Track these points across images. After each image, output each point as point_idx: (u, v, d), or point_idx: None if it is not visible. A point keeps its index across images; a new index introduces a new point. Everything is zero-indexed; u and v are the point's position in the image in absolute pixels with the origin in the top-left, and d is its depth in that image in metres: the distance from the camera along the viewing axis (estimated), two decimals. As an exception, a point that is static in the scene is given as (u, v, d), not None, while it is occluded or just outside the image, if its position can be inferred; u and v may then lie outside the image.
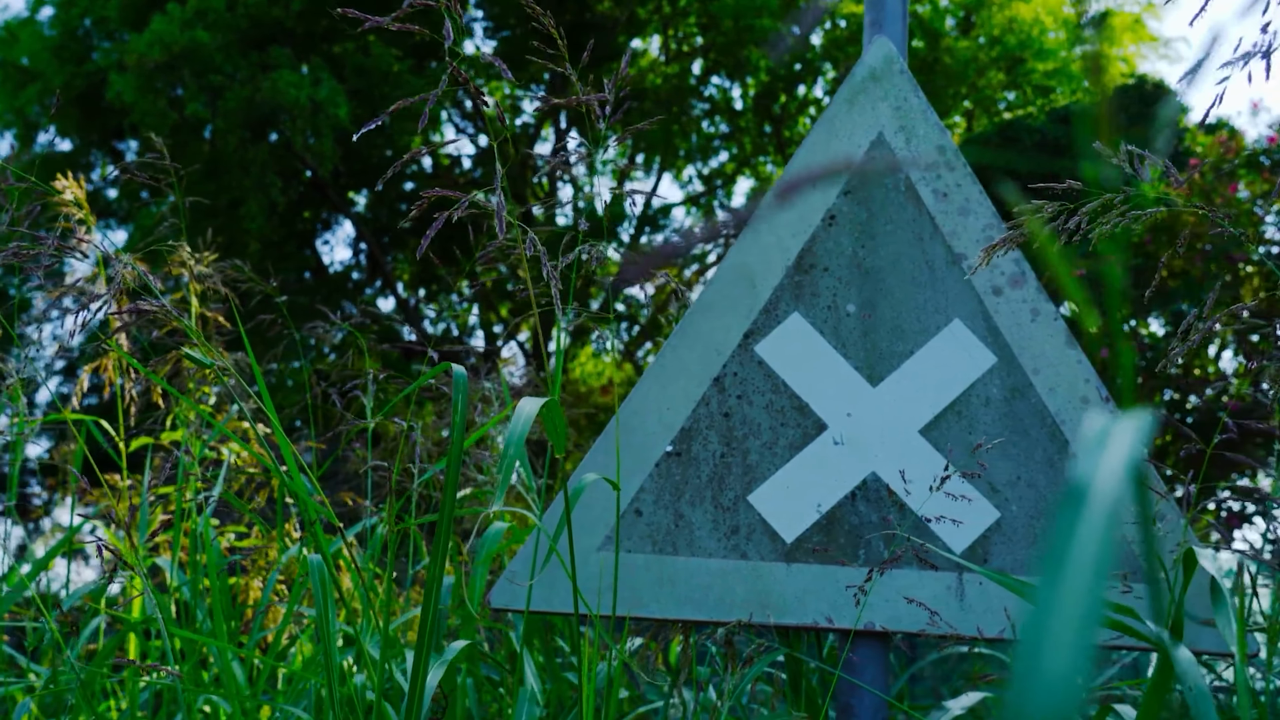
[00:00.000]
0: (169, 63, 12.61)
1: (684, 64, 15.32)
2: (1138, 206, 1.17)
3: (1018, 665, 0.30)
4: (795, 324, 1.74)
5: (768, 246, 1.77)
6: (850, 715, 1.63)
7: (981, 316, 1.73)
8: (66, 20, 13.35)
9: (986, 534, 1.66)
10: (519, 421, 1.01)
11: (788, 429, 1.71)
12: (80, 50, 13.44)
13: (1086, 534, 0.35)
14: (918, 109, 1.80)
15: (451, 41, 1.15)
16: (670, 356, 1.74)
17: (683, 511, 1.68)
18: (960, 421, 1.70)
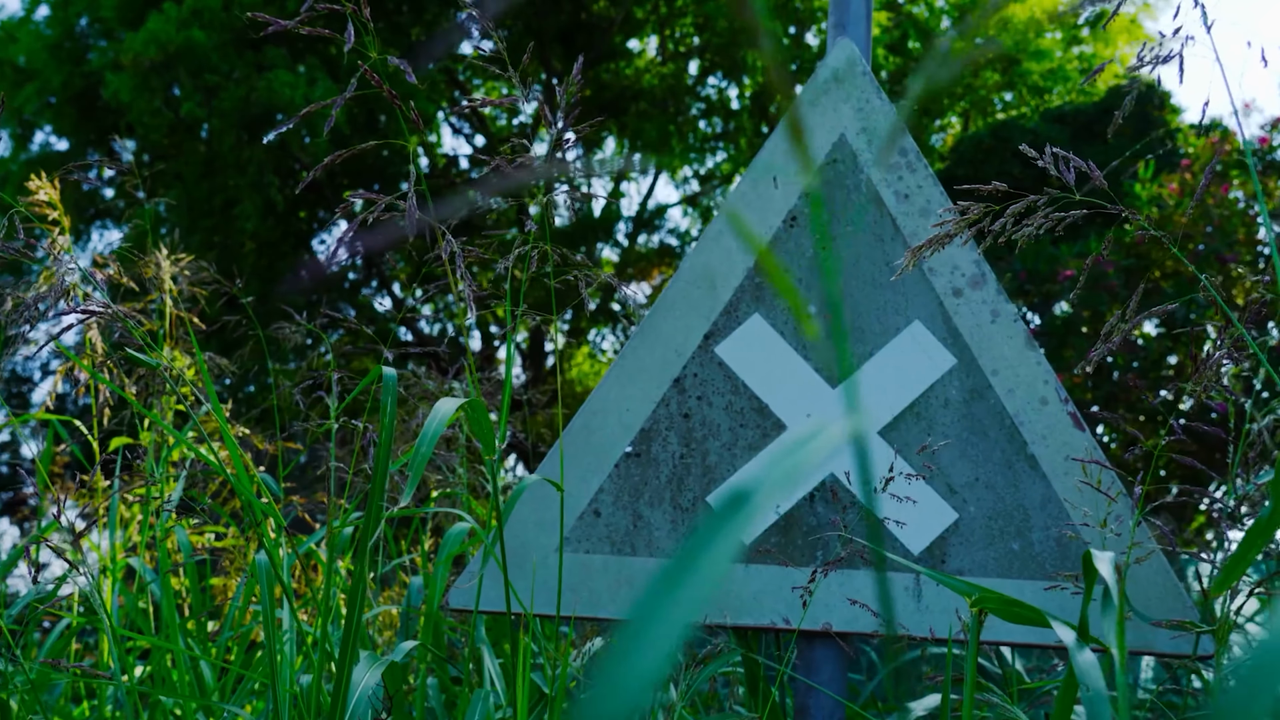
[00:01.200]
0: (165, 62, 12.63)
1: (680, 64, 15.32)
2: (1063, 208, 1.17)
3: (604, 666, 0.31)
4: (756, 325, 1.74)
5: (729, 248, 1.77)
6: (806, 715, 1.63)
7: (941, 318, 1.73)
8: (63, 20, 13.37)
9: (944, 535, 1.66)
10: (434, 420, 1.02)
11: (747, 430, 1.71)
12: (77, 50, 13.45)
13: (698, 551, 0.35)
14: (880, 110, 1.80)
15: (353, 44, 1.15)
16: (630, 357, 1.74)
17: (641, 512, 1.69)
18: (920, 423, 1.70)
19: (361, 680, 1.08)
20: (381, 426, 1.01)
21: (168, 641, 1.64)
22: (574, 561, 1.67)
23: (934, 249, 1.16)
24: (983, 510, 1.67)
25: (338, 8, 1.19)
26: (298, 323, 2.07)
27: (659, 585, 0.32)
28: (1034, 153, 1.20)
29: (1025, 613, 0.92)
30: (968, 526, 1.66)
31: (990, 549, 1.66)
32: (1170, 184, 7.77)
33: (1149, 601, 1.61)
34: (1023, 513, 1.66)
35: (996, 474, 1.68)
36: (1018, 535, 1.66)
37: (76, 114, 13.32)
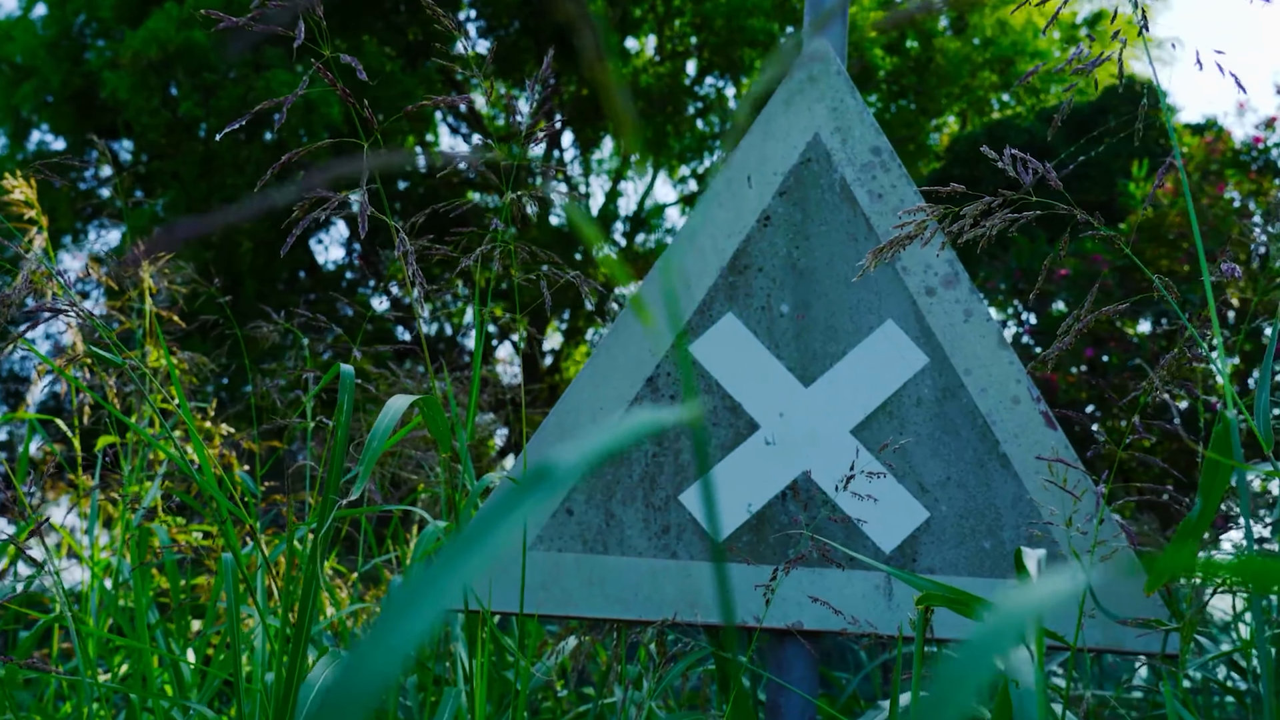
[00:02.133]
0: (163, 61, 12.64)
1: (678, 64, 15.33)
2: (1020, 209, 1.18)
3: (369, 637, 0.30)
4: (729, 324, 1.75)
5: (703, 247, 1.77)
6: (778, 714, 1.64)
7: (914, 317, 1.73)
8: (60, 18, 13.37)
9: (915, 534, 1.67)
10: (385, 417, 1.02)
11: (720, 429, 1.71)
12: (74, 48, 13.46)
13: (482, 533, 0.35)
14: (854, 110, 1.80)
15: (302, 40, 1.15)
16: (604, 356, 1.75)
17: (614, 511, 1.69)
18: (892, 422, 1.71)
19: (320, 678, 1.08)
20: (337, 425, 1.01)
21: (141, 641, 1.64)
22: (546, 560, 1.67)
23: (894, 251, 1.17)
24: (954, 509, 1.67)
25: (285, 6, 1.20)
26: (275, 321, 2.07)
27: (441, 559, 0.32)
28: (993, 153, 1.20)
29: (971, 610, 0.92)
30: (939, 525, 1.67)
31: (962, 548, 1.66)
32: (1164, 183, 7.78)
33: (1119, 599, 1.61)
34: (994, 511, 1.67)
35: (968, 473, 1.68)
36: (989, 534, 1.66)
37: (74, 113, 13.33)
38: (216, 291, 2.41)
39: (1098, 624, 1.57)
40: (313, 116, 12.40)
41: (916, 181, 12.36)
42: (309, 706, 1.04)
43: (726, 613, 0.42)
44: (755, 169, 1.80)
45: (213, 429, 2.82)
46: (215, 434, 2.84)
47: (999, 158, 1.25)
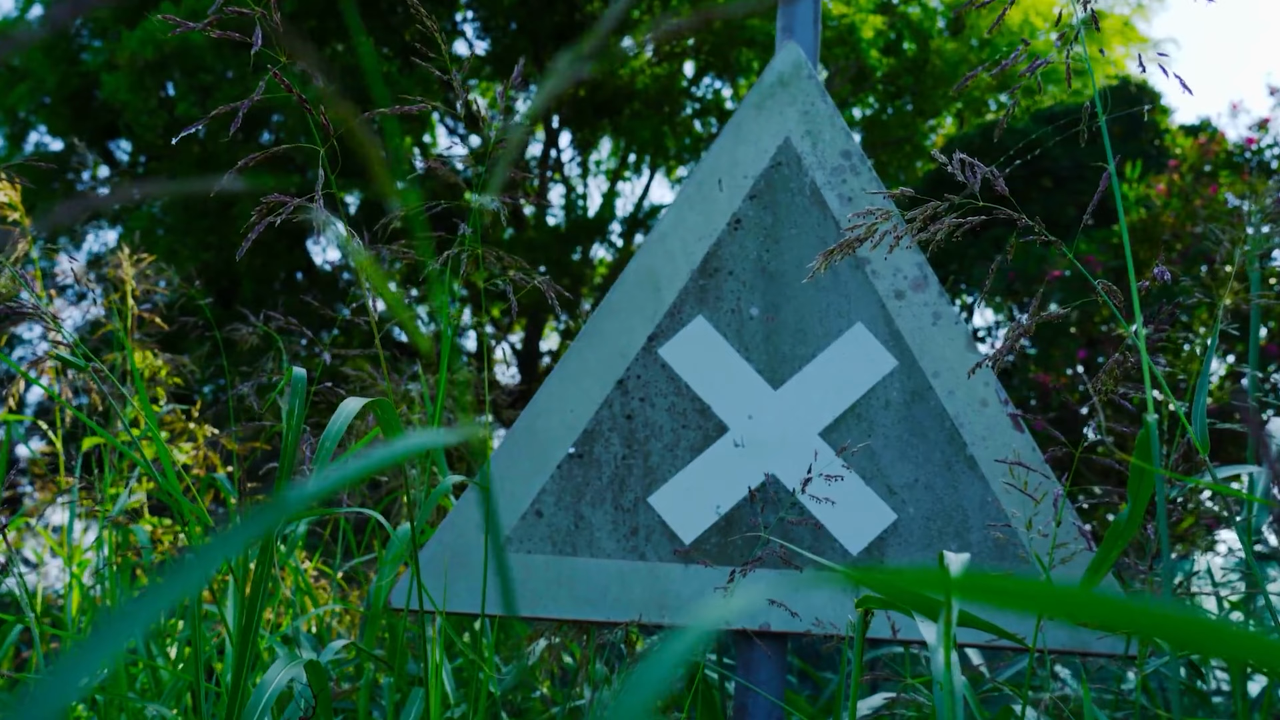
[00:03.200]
0: (160, 62, 12.65)
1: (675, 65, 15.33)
2: (968, 213, 1.18)
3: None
4: (699, 327, 1.75)
5: (673, 250, 1.78)
6: (745, 715, 1.65)
7: (883, 320, 1.74)
8: (57, 20, 13.36)
9: (883, 536, 1.67)
10: (338, 419, 1.03)
11: (689, 431, 1.72)
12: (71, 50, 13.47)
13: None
14: (825, 114, 1.81)
15: (259, 46, 1.16)
16: (575, 359, 1.75)
17: (583, 513, 1.70)
18: (860, 424, 1.71)
19: (274, 680, 1.09)
20: (287, 427, 1.02)
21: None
22: (516, 561, 1.68)
23: (843, 253, 1.17)
24: (921, 511, 1.68)
25: (247, 11, 1.20)
26: (252, 323, 2.08)
27: (175, 572, 0.33)
28: (943, 158, 1.21)
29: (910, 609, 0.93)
30: (906, 527, 1.68)
31: (929, 549, 1.67)
32: (1158, 184, 7.78)
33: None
34: (961, 513, 1.67)
35: (936, 475, 1.69)
36: (956, 536, 1.67)
37: (71, 114, 13.34)
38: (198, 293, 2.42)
39: (1064, 626, 1.58)
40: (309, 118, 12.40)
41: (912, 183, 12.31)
42: (261, 706, 1.05)
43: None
44: (726, 172, 1.80)
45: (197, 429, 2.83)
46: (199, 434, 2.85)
47: (949, 162, 1.26)
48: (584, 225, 15.57)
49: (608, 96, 15.10)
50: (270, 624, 2.37)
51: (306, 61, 1.20)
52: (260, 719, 1.03)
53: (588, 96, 15.06)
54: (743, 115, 1.82)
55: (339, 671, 2.14)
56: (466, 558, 1.67)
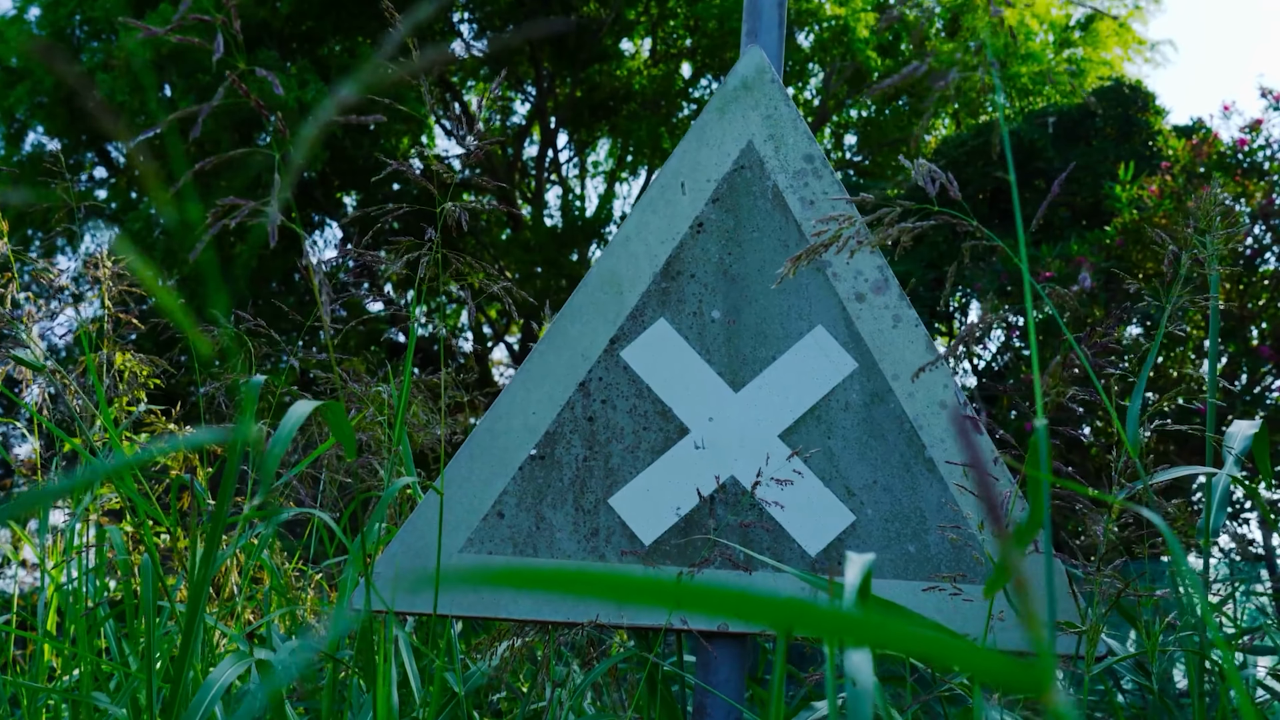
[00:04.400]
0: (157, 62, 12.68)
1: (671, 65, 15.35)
2: (921, 217, 1.20)
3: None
4: (661, 330, 1.77)
5: (636, 253, 1.79)
6: (704, 715, 1.66)
7: (844, 322, 1.75)
8: (54, 20, 13.41)
9: (841, 537, 1.69)
10: (288, 423, 1.04)
11: (650, 433, 1.74)
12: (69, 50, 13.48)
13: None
14: (788, 118, 1.82)
15: (221, 54, 1.18)
16: (537, 361, 1.77)
17: (544, 514, 1.71)
18: (820, 426, 1.73)
19: (220, 677, 1.11)
20: (236, 432, 1.03)
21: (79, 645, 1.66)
22: (477, 562, 1.69)
23: (810, 258, 1.19)
24: (880, 513, 1.69)
25: (208, 19, 1.22)
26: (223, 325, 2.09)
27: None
28: (909, 162, 1.22)
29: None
30: (865, 529, 1.69)
31: (887, 551, 1.68)
32: (1150, 186, 7.79)
33: (1040, 602, 1.63)
34: (919, 515, 1.69)
35: (895, 477, 1.70)
36: (914, 537, 1.68)
37: (68, 114, 13.36)
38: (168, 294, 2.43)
39: (1017, 627, 1.59)
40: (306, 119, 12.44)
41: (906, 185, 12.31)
42: (207, 702, 1.06)
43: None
44: (689, 176, 1.82)
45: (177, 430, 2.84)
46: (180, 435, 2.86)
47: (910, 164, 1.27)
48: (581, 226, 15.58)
49: (605, 97, 15.12)
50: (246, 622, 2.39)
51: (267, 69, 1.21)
52: (205, 716, 1.04)
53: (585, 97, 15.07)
54: (706, 119, 1.83)
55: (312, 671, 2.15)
56: (427, 558, 1.69)
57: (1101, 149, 8.99)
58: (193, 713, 1.04)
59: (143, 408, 2.65)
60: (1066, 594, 1.56)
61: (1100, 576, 1.45)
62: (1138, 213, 7.65)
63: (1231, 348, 7.66)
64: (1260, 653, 2.56)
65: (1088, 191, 8.72)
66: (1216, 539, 1.68)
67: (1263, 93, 7.79)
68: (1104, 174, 8.56)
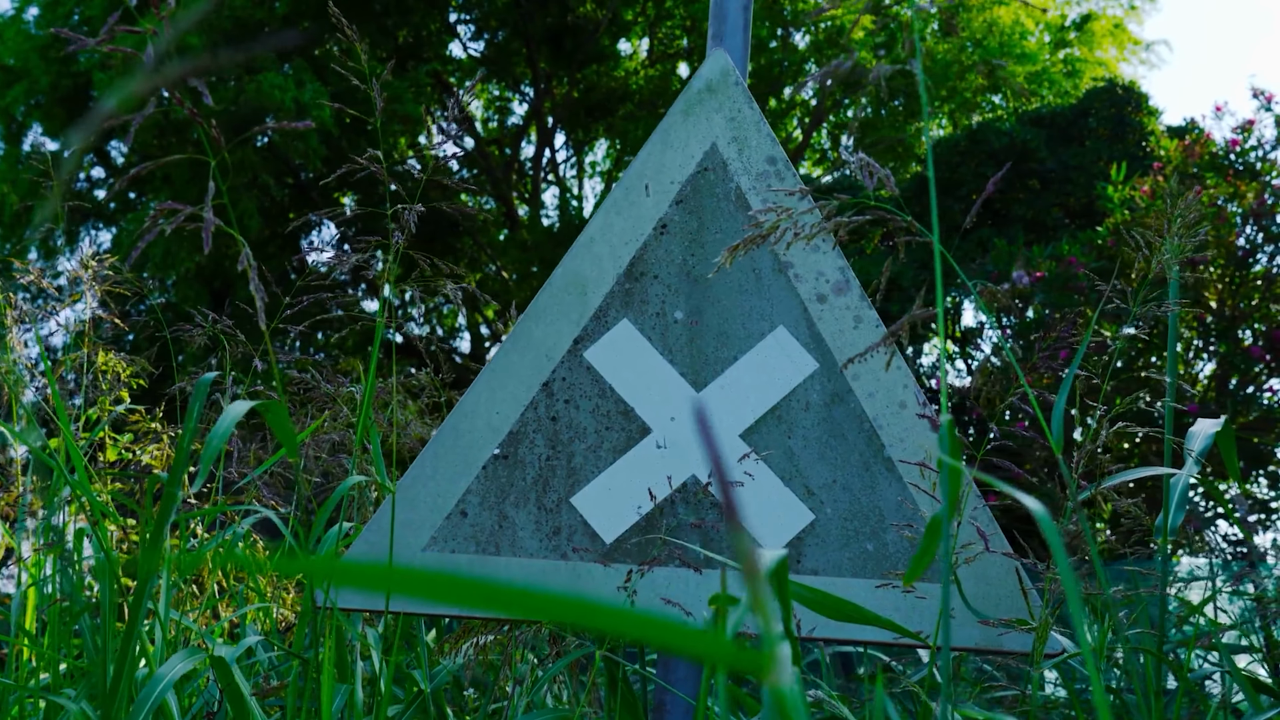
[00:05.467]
0: (153, 64, 12.70)
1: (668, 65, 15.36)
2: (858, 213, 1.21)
3: None
4: (624, 330, 1.78)
5: (600, 255, 1.81)
6: (663, 713, 1.68)
7: (805, 323, 1.77)
8: (52, 21, 13.44)
9: (801, 535, 1.70)
10: (224, 422, 1.06)
11: (612, 433, 1.75)
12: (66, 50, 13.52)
13: None
14: (751, 120, 1.84)
15: (153, 65, 1.19)
16: (501, 361, 1.78)
17: (507, 513, 1.73)
18: (780, 426, 1.74)
19: (169, 673, 1.12)
20: (185, 430, 1.05)
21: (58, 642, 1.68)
22: (440, 560, 1.71)
23: (747, 249, 1.21)
24: (839, 511, 1.71)
25: (139, 31, 1.24)
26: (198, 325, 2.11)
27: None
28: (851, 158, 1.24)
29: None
30: (824, 527, 1.70)
31: (845, 549, 1.70)
32: (1142, 186, 7.81)
33: (998, 601, 1.65)
34: (878, 514, 1.70)
35: (854, 476, 1.72)
36: (872, 536, 1.70)
37: (65, 114, 13.39)
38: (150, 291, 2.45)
39: (973, 624, 1.61)
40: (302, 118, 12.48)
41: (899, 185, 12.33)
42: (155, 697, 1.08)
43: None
44: (653, 178, 1.83)
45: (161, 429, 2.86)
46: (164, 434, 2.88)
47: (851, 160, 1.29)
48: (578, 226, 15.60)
49: (602, 98, 15.14)
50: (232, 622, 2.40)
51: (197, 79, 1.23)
52: (149, 713, 1.06)
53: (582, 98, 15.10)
54: (670, 121, 1.85)
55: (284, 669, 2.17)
56: (395, 557, 1.70)
57: (1095, 149, 9.00)
58: (139, 707, 1.05)
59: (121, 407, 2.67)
60: (1017, 592, 1.58)
61: (1050, 575, 1.47)
62: (1129, 213, 7.67)
63: (1223, 348, 7.67)
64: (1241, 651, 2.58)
65: (1081, 192, 8.73)
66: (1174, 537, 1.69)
67: (1254, 93, 7.80)
68: (1097, 174, 8.57)
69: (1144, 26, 16.85)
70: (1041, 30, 13.56)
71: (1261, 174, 7.73)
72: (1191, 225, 1.86)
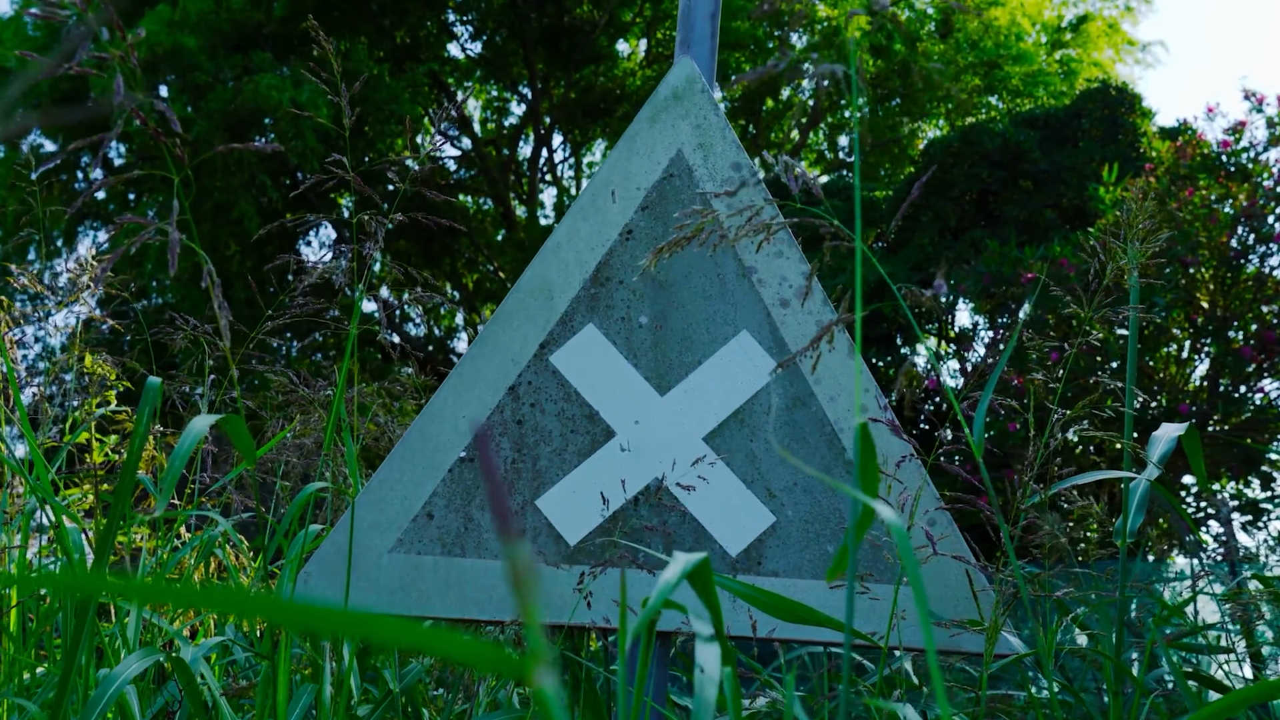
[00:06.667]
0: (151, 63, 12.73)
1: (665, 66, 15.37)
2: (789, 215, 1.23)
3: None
4: (589, 335, 1.81)
5: (567, 260, 1.83)
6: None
7: (769, 328, 1.79)
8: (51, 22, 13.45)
9: (762, 537, 1.73)
10: (188, 437, 1.08)
11: (577, 436, 1.78)
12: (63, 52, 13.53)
13: None
14: (716, 127, 1.86)
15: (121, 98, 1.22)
16: (469, 365, 1.81)
17: (472, 515, 1.75)
18: (743, 429, 1.77)
19: (123, 672, 1.15)
20: (134, 435, 1.07)
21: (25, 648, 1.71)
22: (407, 562, 1.73)
23: (671, 251, 1.23)
24: (800, 514, 1.73)
25: (105, 56, 1.26)
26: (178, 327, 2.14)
27: None
28: (772, 159, 1.26)
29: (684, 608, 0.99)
30: (785, 530, 1.73)
31: (806, 551, 1.72)
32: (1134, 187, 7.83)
33: (956, 602, 1.67)
34: (839, 516, 1.73)
35: (815, 479, 1.74)
36: (833, 538, 1.72)
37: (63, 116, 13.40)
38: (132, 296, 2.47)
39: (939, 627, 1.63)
40: (301, 120, 12.50)
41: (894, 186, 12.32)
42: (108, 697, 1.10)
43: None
44: (620, 184, 1.86)
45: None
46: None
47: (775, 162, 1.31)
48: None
49: (599, 98, 15.16)
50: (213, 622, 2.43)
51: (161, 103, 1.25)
52: (102, 713, 1.08)
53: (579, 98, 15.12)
54: (637, 128, 1.87)
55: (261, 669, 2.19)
56: (358, 557, 1.73)
57: (1088, 150, 9.02)
58: (92, 707, 1.08)
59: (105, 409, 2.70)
60: (967, 594, 1.60)
61: (1000, 576, 1.49)
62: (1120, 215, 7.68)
63: (1215, 348, 7.69)
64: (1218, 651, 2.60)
65: (1073, 193, 8.75)
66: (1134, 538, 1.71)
67: (1246, 95, 7.82)
68: (1090, 175, 8.59)
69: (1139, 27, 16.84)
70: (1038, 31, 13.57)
71: (1253, 175, 7.74)
72: (1151, 232, 1.88)
